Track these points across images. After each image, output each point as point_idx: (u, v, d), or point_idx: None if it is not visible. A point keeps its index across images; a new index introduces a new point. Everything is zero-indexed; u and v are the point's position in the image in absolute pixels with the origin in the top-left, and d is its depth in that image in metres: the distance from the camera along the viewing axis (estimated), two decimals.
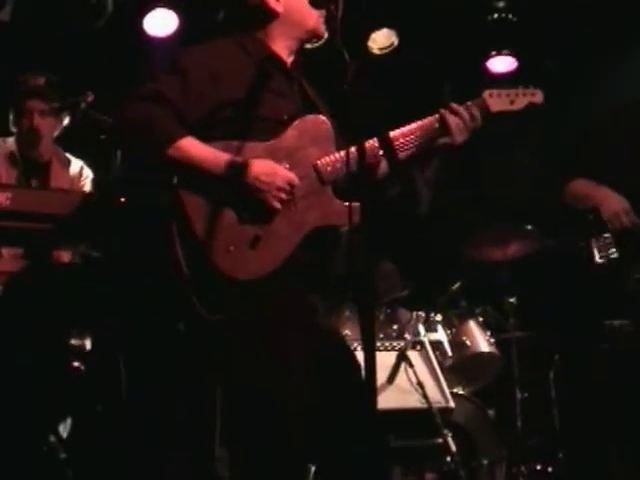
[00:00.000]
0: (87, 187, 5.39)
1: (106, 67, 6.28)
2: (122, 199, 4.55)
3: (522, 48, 7.25)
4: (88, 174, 5.42)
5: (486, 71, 7.34)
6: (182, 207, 3.34)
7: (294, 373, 3.38)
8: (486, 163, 7.22)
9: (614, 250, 4.45)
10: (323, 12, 3.64)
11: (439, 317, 6.25)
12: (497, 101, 3.81)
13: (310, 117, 3.60)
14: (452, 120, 3.68)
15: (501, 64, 7.31)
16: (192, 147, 3.37)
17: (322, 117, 3.63)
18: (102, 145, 4.56)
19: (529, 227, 6.52)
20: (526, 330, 6.49)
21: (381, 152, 3.62)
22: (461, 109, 3.70)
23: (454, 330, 6.25)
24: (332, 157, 3.55)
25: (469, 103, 3.76)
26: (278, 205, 3.41)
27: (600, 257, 4.47)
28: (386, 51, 7.07)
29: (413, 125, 3.70)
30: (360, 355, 3.07)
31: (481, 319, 6.40)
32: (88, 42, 6.39)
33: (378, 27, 6.97)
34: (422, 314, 6.16)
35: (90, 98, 4.72)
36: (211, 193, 3.37)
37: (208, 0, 6.76)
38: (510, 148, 7.01)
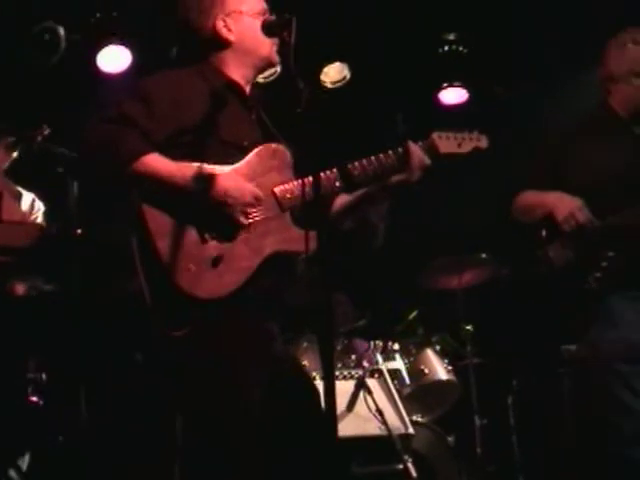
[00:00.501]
0: (39, 220, 5.37)
1: (60, 103, 6.27)
2: (78, 231, 4.57)
3: (473, 80, 7.34)
4: (40, 207, 5.41)
5: (438, 103, 7.42)
6: (144, 222, 3.33)
7: (251, 401, 3.37)
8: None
9: (571, 251, 4.45)
10: (276, 40, 3.68)
11: (397, 346, 6.28)
12: (445, 143, 3.85)
13: (271, 145, 3.64)
14: (409, 157, 3.70)
15: (452, 95, 7.40)
16: (158, 161, 3.37)
17: (282, 145, 3.67)
18: (59, 177, 4.57)
19: (483, 255, 6.61)
20: (483, 357, 6.54)
21: (338, 183, 3.64)
22: (418, 148, 3.74)
23: (412, 359, 6.28)
24: (291, 184, 3.58)
25: (420, 143, 3.81)
26: (245, 220, 3.43)
27: (558, 261, 4.47)
28: (339, 85, 7.13)
29: (372, 158, 3.72)
30: (319, 384, 3.10)
31: (438, 347, 6.45)
32: (42, 78, 6.38)
33: (330, 61, 7.04)
34: (380, 343, 6.18)
35: (46, 131, 4.74)
36: (175, 209, 3.36)
37: (161, 36, 6.80)
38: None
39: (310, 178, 3.33)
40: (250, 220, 3.45)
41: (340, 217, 3.82)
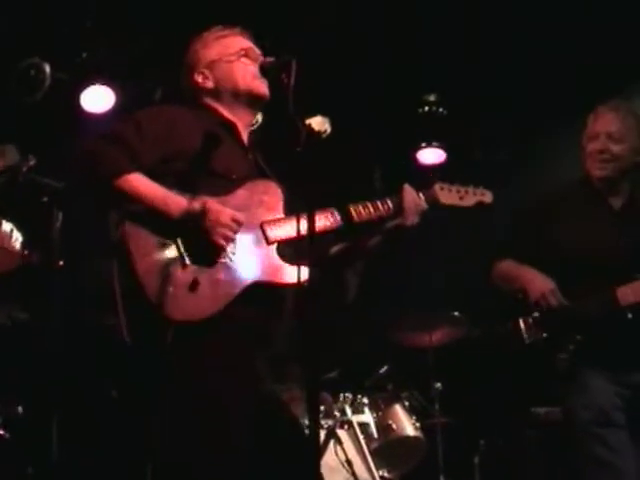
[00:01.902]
0: (17, 249, 5.32)
1: (44, 137, 6.26)
2: (60, 262, 4.54)
3: (451, 141, 7.43)
4: (18, 237, 5.34)
5: (416, 162, 7.49)
6: (125, 240, 3.34)
7: (235, 432, 3.36)
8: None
9: (542, 330, 4.52)
10: (256, 72, 3.75)
11: (366, 400, 6.26)
12: (447, 195, 3.90)
13: (262, 181, 3.68)
14: (404, 202, 3.74)
15: (430, 156, 7.48)
16: (140, 181, 3.41)
17: (273, 183, 3.69)
18: (43, 207, 4.55)
19: (456, 313, 6.64)
20: (451, 415, 6.54)
21: (333, 221, 3.67)
22: (415, 193, 3.78)
23: (380, 413, 6.25)
24: (280, 219, 3.61)
25: (420, 192, 3.83)
26: (223, 242, 3.42)
27: (528, 337, 4.54)
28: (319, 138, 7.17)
29: (368, 203, 3.76)
30: None
31: (407, 403, 6.43)
32: (25, 114, 6.38)
33: (311, 114, 7.08)
34: (349, 396, 6.16)
35: (32, 162, 4.72)
36: (156, 230, 3.38)
37: (145, 77, 6.85)
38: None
39: (303, 215, 3.35)
40: (229, 243, 3.45)
41: (334, 261, 3.84)
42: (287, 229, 3.58)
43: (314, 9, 6.37)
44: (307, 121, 6.01)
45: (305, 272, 3.21)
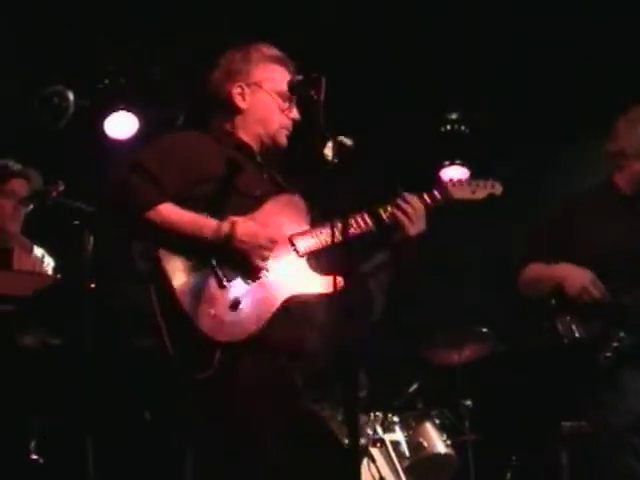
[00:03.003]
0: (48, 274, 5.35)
1: (71, 166, 6.30)
2: (92, 285, 4.56)
3: (474, 159, 7.45)
4: (49, 262, 5.40)
5: (439, 180, 7.49)
6: (162, 268, 3.37)
7: (266, 449, 3.36)
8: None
9: (581, 329, 4.44)
10: (288, 124, 3.78)
11: (396, 418, 6.24)
12: (459, 189, 3.91)
13: (285, 195, 3.71)
14: (400, 213, 3.72)
15: (454, 173, 7.48)
16: (172, 211, 3.43)
17: (296, 196, 3.73)
18: (74, 230, 4.58)
19: (484, 329, 6.63)
20: (482, 432, 6.51)
21: (366, 224, 3.68)
22: (413, 199, 3.76)
23: (411, 431, 6.23)
24: (308, 231, 3.63)
25: (434, 190, 3.85)
26: (262, 263, 3.45)
27: (567, 337, 4.46)
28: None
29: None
30: None
31: (437, 421, 6.41)
32: (51, 140, 6.43)
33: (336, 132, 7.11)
34: (380, 415, 6.15)
35: (61, 187, 4.76)
36: (191, 257, 3.40)
37: (168, 104, 6.90)
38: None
39: (331, 224, 3.35)
40: (267, 263, 3.48)
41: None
42: (316, 240, 3.61)
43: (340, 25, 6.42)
44: (329, 143, 5.97)
45: (340, 281, 3.21)
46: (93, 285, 4.55)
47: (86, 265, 4.56)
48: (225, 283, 3.41)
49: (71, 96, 6.44)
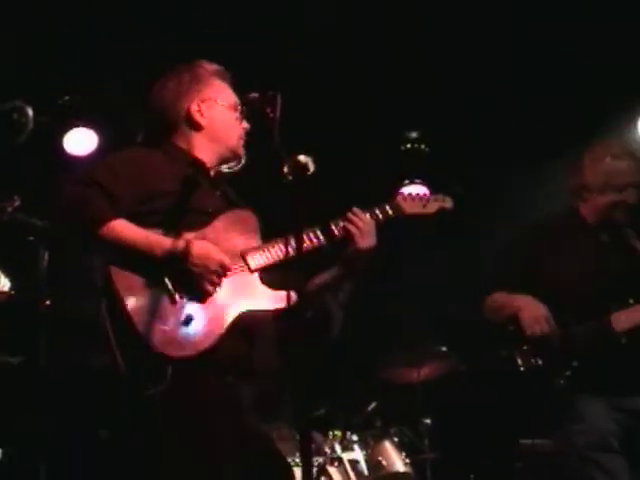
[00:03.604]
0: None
1: (27, 181, 6.26)
2: (47, 302, 4.53)
3: (434, 177, 7.46)
4: (6, 283, 5.34)
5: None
6: (112, 284, 3.36)
7: (219, 465, 3.36)
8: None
9: (537, 358, 4.52)
10: (243, 134, 3.80)
11: (355, 437, 6.23)
12: (411, 204, 3.92)
13: (236, 210, 3.71)
14: (352, 227, 3.73)
15: (412, 192, 7.48)
16: (125, 227, 3.42)
17: (248, 212, 3.73)
18: (29, 247, 4.54)
19: (443, 348, 6.64)
20: (441, 451, 6.52)
21: (317, 240, 3.68)
22: (362, 213, 3.77)
23: (370, 450, 6.22)
24: (259, 247, 3.63)
25: (385, 204, 3.86)
26: (212, 289, 3.45)
27: (523, 365, 4.54)
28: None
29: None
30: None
31: (396, 439, 6.40)
32: (8, 155, 6.37)
33: (295, 153, 7.11)
34: (338, 433, 6.14)
35: (17, 203, 4.72)
36: (143, 273, 3.39)
37: (127, 120, 6.86)
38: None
39: (284, 239, 3.41)
40: (218, 288, 3.46)
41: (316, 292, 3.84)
42: (267, 255, 3.61)
43: (297, 45, 6.44)
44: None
45: (292, 296, 3.20)
46: (48, 302, 4.52)
47: (41, 282, 4.52)
48: (177, 299, 3.40)
49: (30, 112, 6.40)
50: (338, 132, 7.14)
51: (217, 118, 3.78)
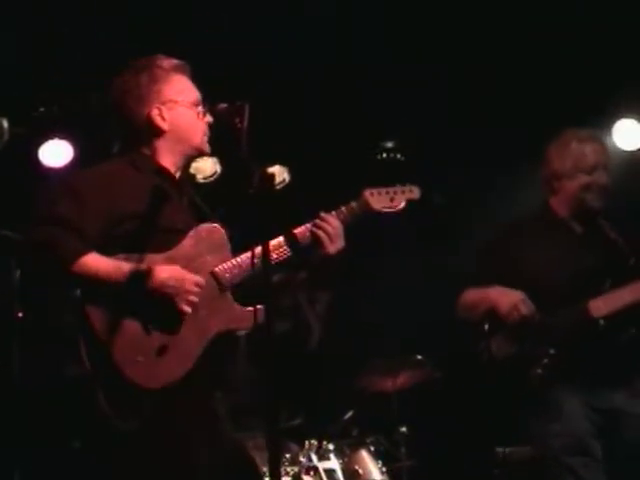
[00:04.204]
0: None
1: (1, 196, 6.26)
2: (19, 314, 4.52)
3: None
4: None
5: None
6: (88, 321, 3.36)
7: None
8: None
9: (513, 347, 4.50)
10: (207, 130, 3.78)
11: (331, 446, 6.22)
12: (378, 199, 3.95)
13: (204, 226, 3.68)
14: (320, 232, 3.75)
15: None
16: (96, 262, 3.40)
17: (216, 225, 3.71)
18: (1, 259, 4.54)
19: (418, 357, 6.66)
20: (417, 459, 6.53)
21: (283, 250, 3.68)
22: (330, 218, 3.79)
23: (346, 459, 6.22)
24: (229, 263, 3.62)
25: (352, 202, 3.88)
26: (188, 309, 3.45)
27: (499, 354, 4.52)
28: (278, 187, 7.21)
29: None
30: None
31: (373, 448, 6.41)
32: None
33: (270, 164, 7.12)
34: (314, 442, 6.13)
35: None
36: (117, 305, 3.39)
37: (103, 131, 6.85)
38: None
39: (248, 253, 3.45)
40: (192, 308, 3.47)
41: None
42: (237, 271, 3.60)
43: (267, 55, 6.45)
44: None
45: (263, 313, 3.21)
46: (20, 314, 4.52)
47: (13, 294, 4.52)
48: (150, 329, 3.41)
49: (5, 124, 6.40)
50: (312, 141, 7.16)
51: (180, 119, 3.75)
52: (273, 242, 3.64)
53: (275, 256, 3.62)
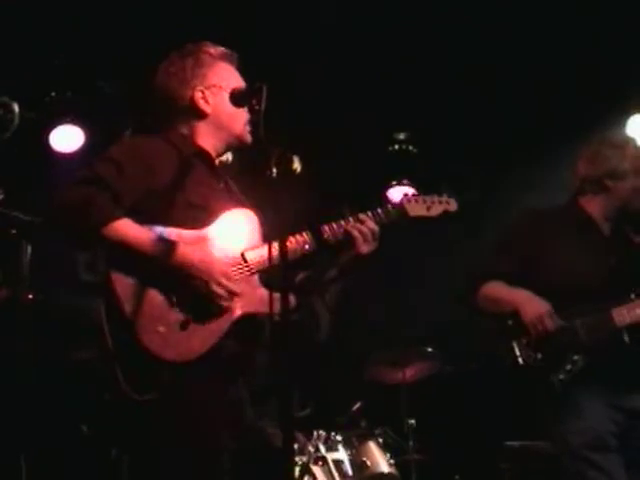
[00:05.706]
0: None
1: (11, 176, 6.23)
2: (30, 296, 4.50)
3: (421, 178, 7.46)
4: None
5: (386, 200, 7.49)
6: (112, 286, 3.29)
7: (219, 465, 3.35)
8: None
9: (536, 354, 4.45)
10: (248, 120, 3.70)
11: (339, 437, 6.19)
12: (415, 206, 3.88)
13: (239, 209, 3.65)
14: (355, 232, 3.69)
15: (400, 193, 7.46)
16: (129, 228, 3.36)
17: (249, 211, 3.67)
18: (12, 240, 4.51)
19: (429, 349, 6.62)
20: (425, 452, 6.50)
21: (308, 245, 3.64)
22: (367, 219, 3.73)
23: (354, 450, 6.18)
24: (259, 248, 3.58)
25: (389, 206, 3.83)
26: (223, 303, 3.41)
27: (522, 358, 4.46)
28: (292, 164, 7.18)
29: (341, 222, 3.72)
30: None
31: (381, 440, 6.38)
32: None
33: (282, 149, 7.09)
34: (323, 433, 6.10)
35: (1, 196, 4.70)
36: (143, 274, 3.33)
37: (114, 117, 6.84)
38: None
39: (277, 242, 3.33)
40: (225, 302, 3.41)
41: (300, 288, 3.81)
42: (267, 256, 3.53)
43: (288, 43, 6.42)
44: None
45: (291, 298, 3.18)
46: (31, 296, 4.49)
47: (24, 275, 4.49)
48: (174, 302, 3.35)
49: (16, 108, 6.37)
50: (326, 132, 7.12)
51: (223, 105, 3.70)
52: (298, 236, 3.62)
53: (299, 249, 3.59)
